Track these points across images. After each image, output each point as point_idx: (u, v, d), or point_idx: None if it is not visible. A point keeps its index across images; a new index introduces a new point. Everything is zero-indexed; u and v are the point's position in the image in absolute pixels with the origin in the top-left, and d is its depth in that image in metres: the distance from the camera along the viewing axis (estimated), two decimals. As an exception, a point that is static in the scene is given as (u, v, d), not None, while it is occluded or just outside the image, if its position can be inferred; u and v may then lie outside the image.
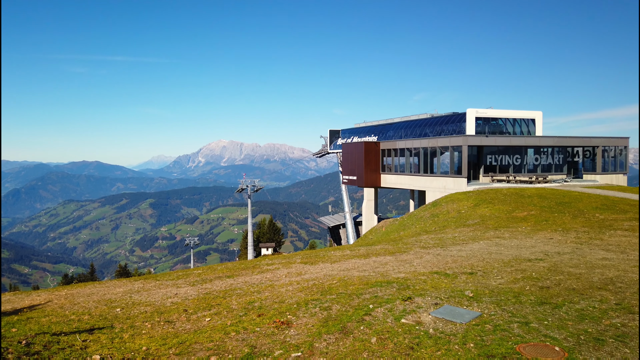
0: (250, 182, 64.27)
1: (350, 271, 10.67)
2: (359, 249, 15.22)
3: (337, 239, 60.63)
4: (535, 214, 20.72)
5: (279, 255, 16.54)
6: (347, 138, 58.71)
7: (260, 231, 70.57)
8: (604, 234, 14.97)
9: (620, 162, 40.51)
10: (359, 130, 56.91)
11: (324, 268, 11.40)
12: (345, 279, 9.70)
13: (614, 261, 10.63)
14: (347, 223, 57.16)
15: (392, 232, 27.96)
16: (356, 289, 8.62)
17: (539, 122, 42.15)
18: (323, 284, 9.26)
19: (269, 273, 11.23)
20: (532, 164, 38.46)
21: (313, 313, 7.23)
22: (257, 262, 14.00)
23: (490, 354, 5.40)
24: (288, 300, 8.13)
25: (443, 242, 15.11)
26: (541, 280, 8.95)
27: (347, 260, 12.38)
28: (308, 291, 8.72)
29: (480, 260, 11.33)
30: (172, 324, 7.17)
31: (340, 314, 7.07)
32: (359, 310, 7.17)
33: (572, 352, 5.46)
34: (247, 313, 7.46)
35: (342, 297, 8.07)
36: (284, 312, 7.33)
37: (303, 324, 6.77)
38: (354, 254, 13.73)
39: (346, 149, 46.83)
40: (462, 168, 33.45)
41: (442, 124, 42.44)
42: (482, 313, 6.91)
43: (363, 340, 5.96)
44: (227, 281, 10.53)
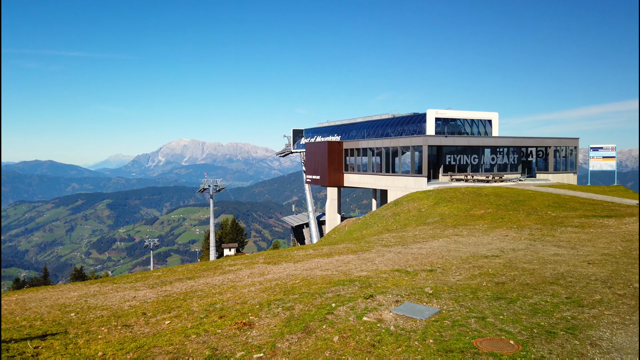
0: (212, 182, 63.32)
1: (314, 270, 10.70)
2: (322, 248, 15.28)
3: (300, 238, 60.67)
4: (492, 212, 21.40)
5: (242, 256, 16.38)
6: (311, 138, 58.80)
7: (223, 231, 69.68)
8: (555, 231, 15.64)
9: (570, 161, 42.42)
10: (322, 130, 57.11)
11: (287, 268, 11.39)
12: (309, 278, 9.72)
13: (564, 257, 11.12)
14: (310, 222, 57.25)
15: (355, 231, 28.23)
16: (319, 288, 8.66)
17: (495, 123, 43.57)
18: (286, 284, 9.25)
19: (231, 274, 11.11)
20: (489, 163, 39.71)
21: (276, 313, 7.20)
22: (219, 263, 13.82)
23: (449, 349, 5.55)
24: (250, 301, 8.07)
25: (404, 240, 15.38)
26: (497, 276, 9.25)
27: (310, 260, 12.41)
28: (271, 291, 8.69)
29: (440, 257, 11.61)
30: (130, 328, 6.98)
31: (303, 314, 7.08)
32: (321, 309, 7.20)
33: (525, 345, 5.68)
34: (208, 315, 7.36)
35: (305, 296, 8.09)
36: (246, 313, 7.27)
37: (265, 324, 6.74)
38: (317, 253, 13.78)
39: (309, 148, 46.90)
40: (422, 167, 34.14)
41: (404, 124, 43.19)
42: (441, 309, 7.08)
43: (325, 339, 6.00)
44: (188, 283, 10.34)
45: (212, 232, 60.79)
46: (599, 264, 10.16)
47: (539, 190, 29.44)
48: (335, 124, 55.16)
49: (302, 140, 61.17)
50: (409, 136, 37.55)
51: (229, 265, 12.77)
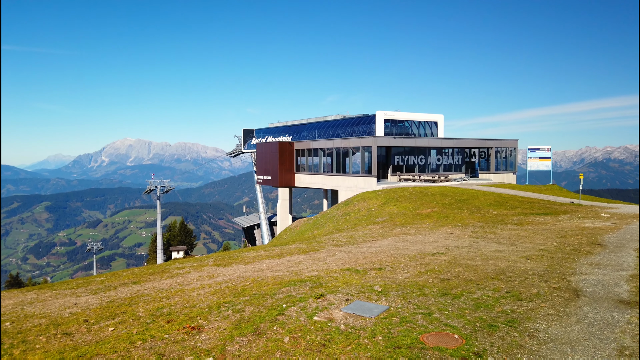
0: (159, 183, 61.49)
1: (264, 272, 10.64)
2: (273, 249, 15.23)
3: (251, 239, 60.09)
4: (438, 211, 22.12)
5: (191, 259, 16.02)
6: (262, 138, 58.39)
7: (171, 234, 67.79)
8: (496, 228, 16.38)
9: (510, 162, 44.56)
10: (273, 130, 56.84)
11: (237, 270, 11.26)
12: (259, 279, 9.66)
13: (505, 253, 11.68)
14: (261, 223, 56.83)
15: (306, 231, 28.31)
16: (270, 289, 8.62)
17: (440, 125, 45.03)
18: (236, 286, 9.14)
19: (180, 277, 10.85)
20: (435, 164, 41.00)
21: (225, 316, 7.11)
22: (166, 266, 13.45)
23: (397, 345, 5.69)
24: (199, 304, 7.92)
25: (354, 240, 15.59)
26: (443, 272, 9.58)
27: (261, 261, 12.33)
28: (220, 294, 8.56)
29: (389, 256, 11.87)
30: (71, 336, 6.67)
31: (253, 316, 7.03)
32: (272, 311, 7.18)
33: (469, 338, 5.92)
34: (155, 320, 7.15)
35: (255, 298, 8.03)
36: (195, 317, 7.13)
37: (215, 327, 6.64)
38: (268, 254, 13.71)
39: (260, 148, 46.57)
40: (372, 168, 34.74)
41: (354, 125, 43.76)
42: (389, 306, 7.25)
43: (276, 340, 5.99)
44: (133, 287, 10.00)
45: (159, 235, 59.04)
46: (536, 259, 10.74)
47: (482, 190, 30.73)
48: (286, 124, 55.08)
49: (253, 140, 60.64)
50: (359, 137, 38.11)
51: (177, 268, 12.46)
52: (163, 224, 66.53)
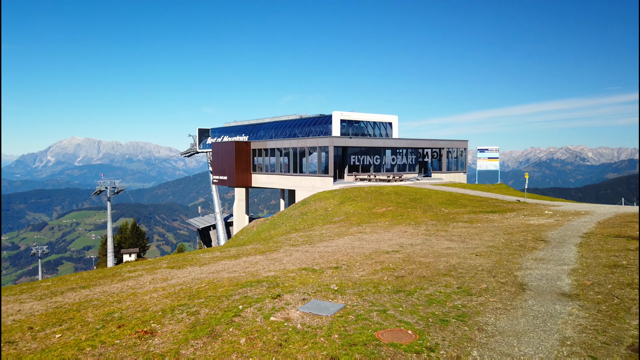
0: (110, 183, 59.30)
1: (220, 273, 10.51)
2: (229, 249, 15.05)
3: (207, 241, 59.08)
4: (393, 210, 22.57)
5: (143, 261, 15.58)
6: (218, 137, 57.52)
7: (122, 236, 65.57)
8: (448, 226, 16.90)
9: (461, 162, 46.07)
10: (229, 130, 56.13)
11: (192, 272, 11.05)
12: (215, 281, 9.53)
13: (456, 250, 12.07)
14: (217, 224, 55.99)
15: (263, 231, 28.15)
16: (226, 290, 8.53)
17: (395, 126, 45.94)
18: (191, 288, 8.98)
19: (131, 280, 10.53)
20: (390, 163, 41.78)
21: (180, 319, 6.98)
22: (117, 269, 13.01)
23: (353, 343, 5.77)
24: (152, 307, 7.72)
25: (311, 239, 15.66)
26: (397, 270, 9.80)
27: (217, 262, 12.16)
28: (175, 297, 8.38)
29: (345, 254, 12.00)
30: (14, 344, 6.34)
31: (208, 318, 6.94)
32: (228, 312, 7.10)
33: (422, 334, 6.09)
34: (105, 325, 6.92)
35: (211, 300, 7.92)
36: (148, 321, 6.95)
37: (169, 331, 6.50)
38: (224, 255, 13.54)
39: (216, 148, 45.86)
40: (329, 168, 34.98)
41: (311, 125, 43.89)
42: (345, 304, 7.34)
43: (232, 342, 5.93)
44: (81, 292, 9.62)
45: (109, 237, 56.99)
46: (485, 255, 11.18)
47: (434, 189, 31.61)
48: (242, 124, 54.53)
49: (209, 140, 59.64)
50: (315, 137, 38.26)
51: (128, 271, 12.08)
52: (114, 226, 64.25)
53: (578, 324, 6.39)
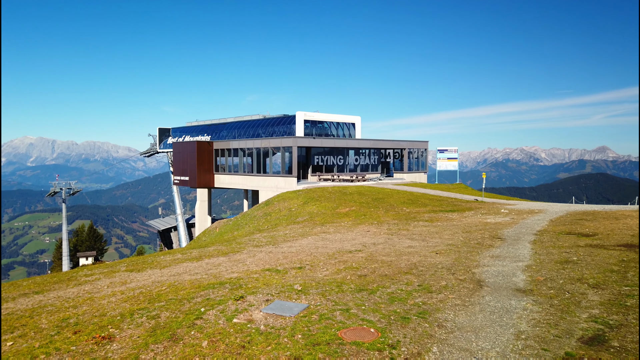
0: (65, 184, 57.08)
1: (182, 275, 10.32)
2: (191, 251, 14.80)
3: (168, 243, 57.81)
4: (356, 210, 22.79)
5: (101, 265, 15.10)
6: (179, 137, 56.44)
7: (79, 239, 63.23)
8: (409, 225, 17.23)
9: (422, 162, 47.02)
10: (191, 129, 55.18)
11: (152, 274, 10.81)
12: (176, 284, 9.36)
13: (417, 248, 12.32)
14: (179, 225, 54.90)
15: (226, 232, 27.83)
16: (187, 293, 8.39)
17: (358, 126, 46.40)
18: (151, 292, 8.78)
19: (88, 285, 10.19)
20: (353, 164, 42.16)
21: (139, 323, 6.81)
22: (73, 273, 12.56)
23: (316, 342, 5.81)
24: (110, 312, 7.51)
25: (275, 240, 15.61)
26: (360, 269, 9.91)
27: (178, 265, 11.94)
28: (134, 300, 8.18)
29: (309, 254, 12.03)
30: (-40, 355, 6.02)
31: (169, 321, 6.81)
32: (190, 315, 6.99)
33: (384, 331, 6.19)
34: (60, 331, 6.67)
35: (172, 303, 7.77)
36: (106, 326, 6.76)
37: (128, 336, 6.33)
38: (186, 257, 13.31)
39: (177, 148, 44.96)
40: (292, 168, 34.94)
41: (274, 125, 43.73)
42: (309, 304, 7.37)
43: (194, 345, 5.85)
44: (35, 298, 9.23)
45: (65, 240, 54.85)
46: (445, 253, 11.46)
47: (396, 189, 32.13)
48: (205, 124, 53.73)
49: (170, 139, 58.45)
50: (279, 137, 38.14)
51: (85, 275, 11.69)
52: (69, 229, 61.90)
53: (532, 318, 6.65)
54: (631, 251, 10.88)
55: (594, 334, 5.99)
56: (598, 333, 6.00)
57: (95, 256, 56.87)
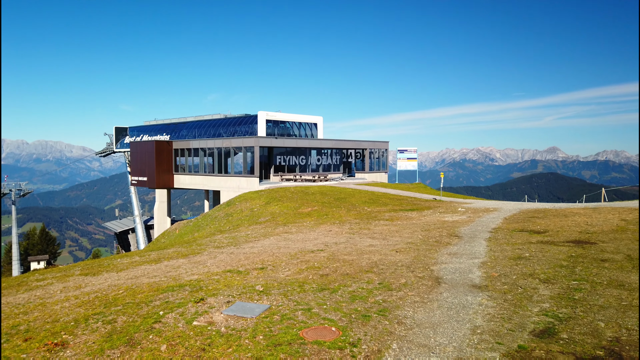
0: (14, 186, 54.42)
1: (139, 278, 10.07)
2: (149, 254, 14.45)
3: (125, 245, 56.18)
4: (318, 209, 22.89)
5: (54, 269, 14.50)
6: (137, 136, 54.97)
7: (30, 242, 60.44)
8: (370, 224, 17.46)
9: (382, 162, 47.74)
10: (149, 129, 53.85)
11: (108, 278, 10.49)
12: (134, 287, 9.12)
13: (377, 247, 12.51)
14: (137, 227, 53.46)
15: (186, 234, 27.33)
16: (145, 296, 8.19)
17: (320, 126, 46.59)
18: (107, 296, 8.52)
19: (40, 290, 9.78)
20: (315, 164, 42.30)
21: (95, 329, 6.60)
22: (24, 278, 12.03)
23: (278, 343, 5.80)
24: (64, 318, 7.24)
25: (236, 241, 15.47)
26: (322, 268, 9.97)
27: (135, 267, 11.64)
28: (89, 305, 7.91)
29: (271, 255, 12.00)
30: None
31: (126, 326, 6.63)
32: (148, 319, 6.84)
33: (345, 330, 6.26)
34: (9, 339, 6.38)
35: (129, 307, 7.57)
36: (59, 332, 6.51)
37: (82, 342, 6.13)
38: (144, 259, 12.99)
39: (135, 148, 43.77)
40: (254, 168, 34.70)
41: (235, 124, 43.28)
42: (271, 305, 7.35)
43: (152, 350, 5.73)
44: (-19, 305, 8.77)
45: (14, 244, 52.29)
46: (404, 251, 11.69)
47: (358, 189, 32.47)
48: (164, 123, 52.56)
49: (127, 139, 56.84)
50: (241, 137, 37.79)
51: (36, 280, 11.21)
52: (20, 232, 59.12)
53: (487, 313, 6.89)
54: (579, 247, 11.44)
55: (544, 327, 6.27)
56: (548, 326, 6.29)
57: (47, 260, 54.48)
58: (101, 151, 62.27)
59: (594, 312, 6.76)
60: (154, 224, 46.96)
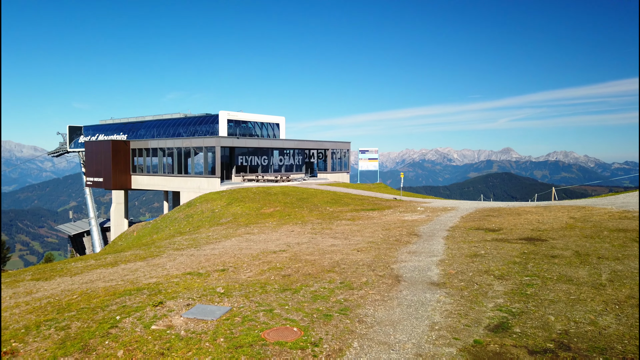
0: (-43, 187, 51.50)
1: (95, 282, 9.75)
2: (105, 257, 14.01)
3: (80, 248, 54.17)
4: (280, 210, 22.83)
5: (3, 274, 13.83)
6: (92, 136, 53.16)
7: (-25, 247, 57.28)
8: (332, 224, 17.58)
9: (344, 162, 48.12)
10: (105, 128, 52.19)
11: (62, 282, 10.10)
12: (89, 292, 8.82)
13: (339, 246, 12.62)
14: (92, 230, 51.67)
15: (145, 236, 26.66)
16: (101, 301, 7.95)
17: (282, 127, 46.48)
18: (60, 301, 8.21)
19: (-13, 297, 9.30)
20: (278, 164, 42.17)
21: (47, 335, 6.35)
22: (-32, 285, 11.40)
23: (239, 345, 5.76)
24: (14, 325, 6.92)
25: (197, 242, 15.22)
26: (284, 269, 9.96)
27: (91, 271, 11.26)
28: (41, 311, 7.60)
29: (232, 256, 11.88)
30: None
31: (81, 332, 6.42)
32: (103, 324, 6.64)
33: (306, 330, 6.29)
34: (-47, 350, 6.04)
35: (84, 312, 7.33)
36: (8, 340, 6.22)
37: (34, 349, 5.88)
38: (100, 263, 12.58)
39: (91, 147, 42.28)
40: (215, 168, 34.24)
41: (196, 124, 42.57)
42: (232, 307, 7.29)
43: (108, 356, 5.57)
44: None
45: (-42, 249, 49.43)
46: (366, 250, 11.85)
47: (320, 189, 32.60)
48: (121, 122, 51.06)
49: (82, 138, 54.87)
50: (201, 137, 37.21)
51: (-17, 287, 10.65)
52: (-37, 236, 55.85)
53: (445, 309, 7.09)
54: (531, 244, 11.93)
55: (499, 321, 6.51)
56: (502, 321, 6.53)
57: (-5, 265, 51.81)
58: (54, 151, 59.84)
59: (545, 306, 7.07)
60: (110, 226, 45.53)
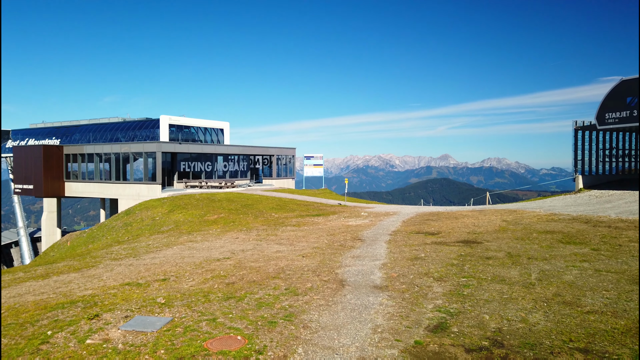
0: None
1: (24, 296, 9.15)
2: (36, 269, 13.17)
3: (8, 260, 50.54)
4: (225, 217, 22.48)
5: None
6: (21, 140, 49.93)
7: None
8: (278, 230, 17.53)
9: (290, 168, 48.17)
10: (36, 132, 49.21)
11: (-15, 298, 9.38)
12: (17, 306, 8.27)
13: (284, 253, 12.60)
14: (21, 240, 48.41)
15: (79, 246, 25.33)
16: (31, 315, 7.47)
17: (227, 132, 45.87)
18: (-16, 318, 7.63)
19: None
20: (222, 170, 41.51)
21: (-32, 356, 5.89)
22: None
23: (180, 357, 5.62)
24: None
25: (136, 252, 14.67)
26: (228, 277, 9.81)
27: (19, 284, 10.55)
28: (-39, 330, 7.03)
29: (174, 265, 11.55)
30: None
31: (8, 349, 6.00)
32: (33, 340, 6.25)
33: (251, 338, 6.23)
34: None
35: (11, 328, 6.86)
36: None
37: (-48, 372, 5.44)
38: (30, 275, 11.82)
39: (20, 153, 39.67)
40: (156, 175, 33.18)
41: (136, 129, 41.11)
42: (173, 317, 7.09)
43: (38, 374, 5.25)
44: None
45: None
46: (311, 256, 11.91)
47: (265, 195, 32.42)
48: (53, 126, 48.36)
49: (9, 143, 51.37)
50: (141, 142, 35.94)
51: None
52: None
53: (387, 312, 7.26)
54: (467, 246, 12.49)
55: (438, 322, 6.76)
56: (441, 321, 6.79)
57: None
58: (-24, 156, 55.54)
59: (480, 306, 7.43)
60: (41, 236, 42.86)
